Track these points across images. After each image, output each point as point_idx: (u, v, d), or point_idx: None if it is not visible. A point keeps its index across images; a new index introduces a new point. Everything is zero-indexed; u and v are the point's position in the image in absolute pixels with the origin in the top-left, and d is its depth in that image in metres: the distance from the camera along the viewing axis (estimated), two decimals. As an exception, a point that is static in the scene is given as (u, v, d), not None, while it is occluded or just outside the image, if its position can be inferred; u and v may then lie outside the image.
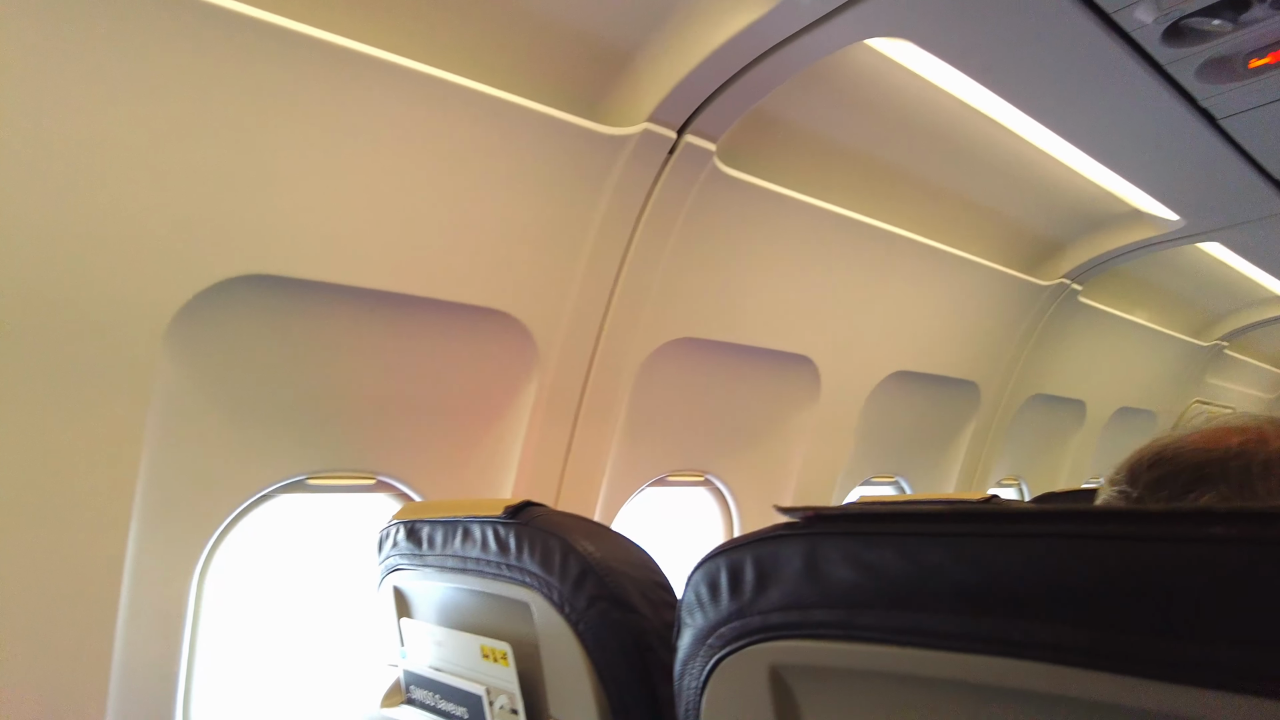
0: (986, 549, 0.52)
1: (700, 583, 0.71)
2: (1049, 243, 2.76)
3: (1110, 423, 3.98)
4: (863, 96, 1.83)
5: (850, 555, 0.59)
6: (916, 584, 0.55)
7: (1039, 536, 0.50)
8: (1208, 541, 0.43)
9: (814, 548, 0.62)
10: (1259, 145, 2.00)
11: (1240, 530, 0.43)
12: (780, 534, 0.65)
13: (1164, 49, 1.54)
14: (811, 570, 0.62)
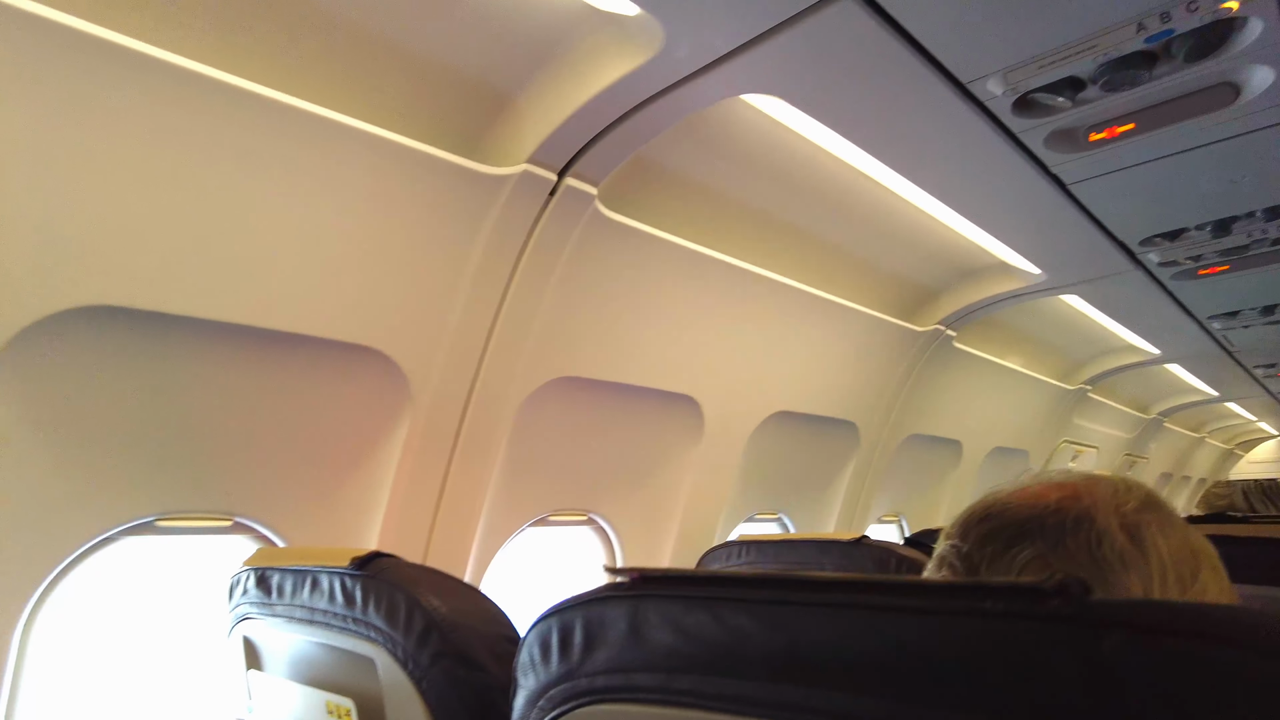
0: (791, 617, 0.53)
1: (534, 643, 0.70)
2: (924, 291, 2.89)
3: (986, 461, 4.18)
4: (744, 148, 1.88)
5: (670, 619, 0.59)
6: (728, 650, 0.56)
7: (838, 606, 0.51)
8: (982, 615, 0.45)
9: (637, 610, 0.62)
10: (1104, 210, 2.16)
11: (1009, 605, 0.45)
12: (608, 595, 0.64)
13: (1015, 119, 1.64)
14: (635, 633, 0.61)
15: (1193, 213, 2.22)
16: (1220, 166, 1.91)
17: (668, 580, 0.62)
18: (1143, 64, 1.46)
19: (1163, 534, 0.78)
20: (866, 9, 1.28)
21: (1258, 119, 1.67)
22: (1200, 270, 2.70)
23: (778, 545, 2.11)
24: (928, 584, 0.49)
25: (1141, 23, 1.33)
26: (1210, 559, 0.80)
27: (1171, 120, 1.67)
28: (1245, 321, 3.45)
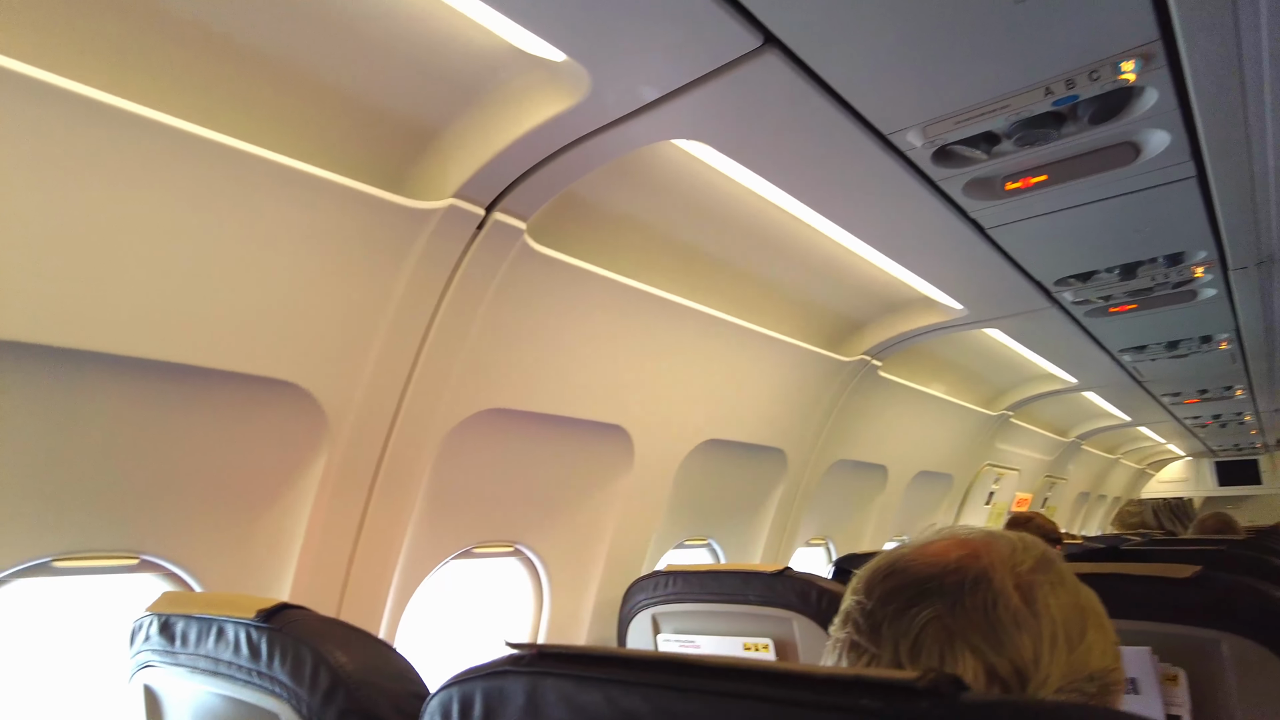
0: (680, 702, 0.54)
1: (435, 712, 0.69)
2: (851, 323, 2.97)
3: (911, 485, 4.29)
4: (674, 186, 1.90)
5: (565, 697, 0.60)
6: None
7: (726, 695, 0.52)
8: (859, 714, 0.46)
9: (535, 687, 0.62)
10: (1020, 252, 2.25)
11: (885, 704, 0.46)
12: (507, 670, 0.65)
13: (935, 168, 1.70)
14: (532, 710, 0.62)
15: (1102, 257, 2.33)
16: (1125, 216, 2.01)
17: (565, 658, 0.62)
18: (1052, 123, 1.53)
19: (1054, 594, 0.81)
20: (789, 63, 1.31)
21: (1156, 176, 1.77)
22: (1111, 308, 2.83)
23: (703, 576, 2.13)
24: (814, 675, 0.50)
25: (1049, 87, 1.40)
26: (1096, 616, 0.83)
27: (1080, 174, 1.75)
28: (1152, 355, 3.62)
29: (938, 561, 0.82)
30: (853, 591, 0.87)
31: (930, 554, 0.84)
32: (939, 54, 1.31)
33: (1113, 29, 1.25)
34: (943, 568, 0.81)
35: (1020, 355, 3.78)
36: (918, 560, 0.84)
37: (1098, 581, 1.51)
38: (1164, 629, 1.43)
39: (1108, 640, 0.83)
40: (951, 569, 0.81)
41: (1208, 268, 2.40)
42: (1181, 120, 1.55)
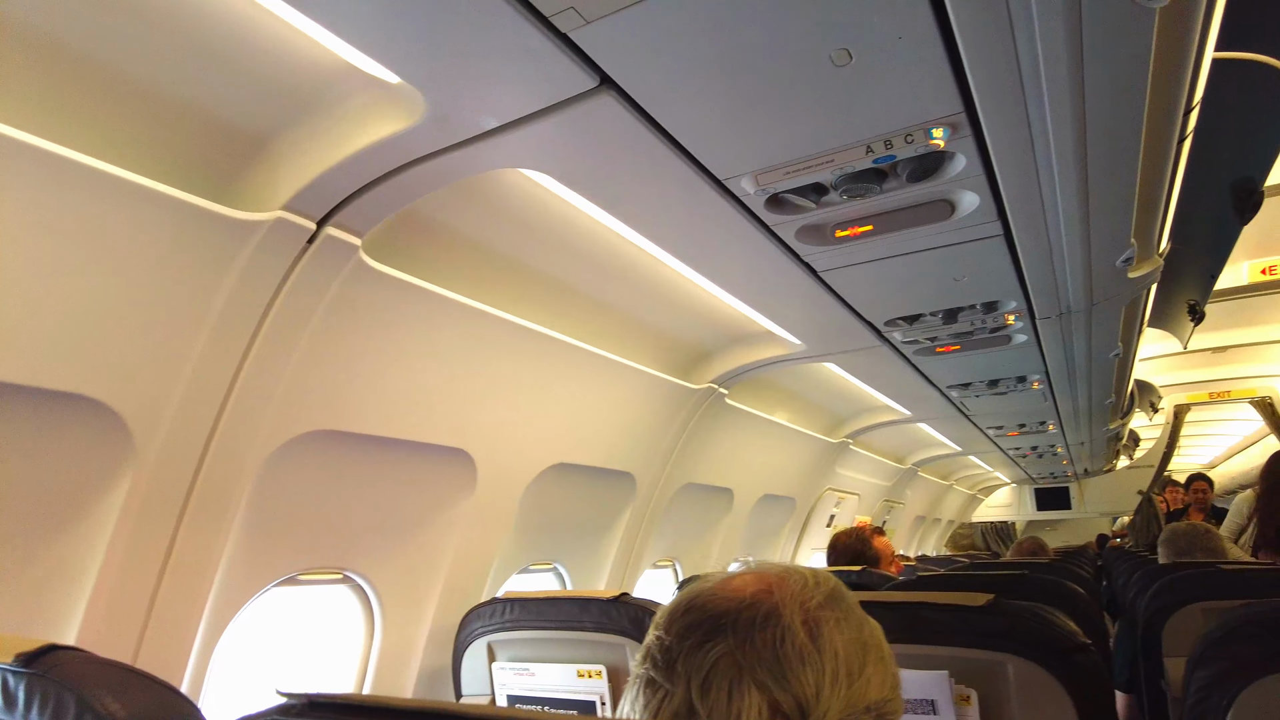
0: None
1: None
2: (699, 352, 3.05)
3: (756, 508, 4.43)
4: (524, 212, 1.90)
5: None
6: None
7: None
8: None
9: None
10: (852, 295, 2.38)
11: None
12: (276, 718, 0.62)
13: (769, 214, 1.78)
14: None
15: (926, 302, 2.50)
16: (945, 266, 2.17)
17: (333, 708, 0.61)
18: (874, 179, 1.63)
19: (839, 630, 0.85)
20: (627, 105, 1.34)
21: (969, 232, 1.92)
22: (937, 349, 3.04)
23: (540, 603, 2.12)
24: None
25: (869, 146, 1.49)
26: (877, 650, 0.88)
27: (902, 226, 1.87)
28: (976, 392, 3.92)
29: (735, 597, 0.85)
30: (654, 627, 0.88)
31: (730, 589, 0.87)
32: (769, 109, 1.37)
33: (924, 99, 1.36)
34: (739, 603, 0.84)
35: (859, 387, 4.00)
36: (717, 596, 0.86)
37: (904, 610, 1.62)
38: (960, 653, 1.54)
39: (886, 672, 0.88)
40: (747, 604, 0.83)
41: (1018, 316, 2.62)
42: (988, 185, 1.69)
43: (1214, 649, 1.29)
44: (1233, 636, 1.28)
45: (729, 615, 0.83)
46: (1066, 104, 1.36)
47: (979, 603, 1.54)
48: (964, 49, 1.22)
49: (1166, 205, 2.11)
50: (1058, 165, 1.58)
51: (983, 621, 1.52)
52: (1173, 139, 1.73)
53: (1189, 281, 4.44)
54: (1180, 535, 3.50)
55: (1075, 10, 1.13)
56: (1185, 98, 1.59)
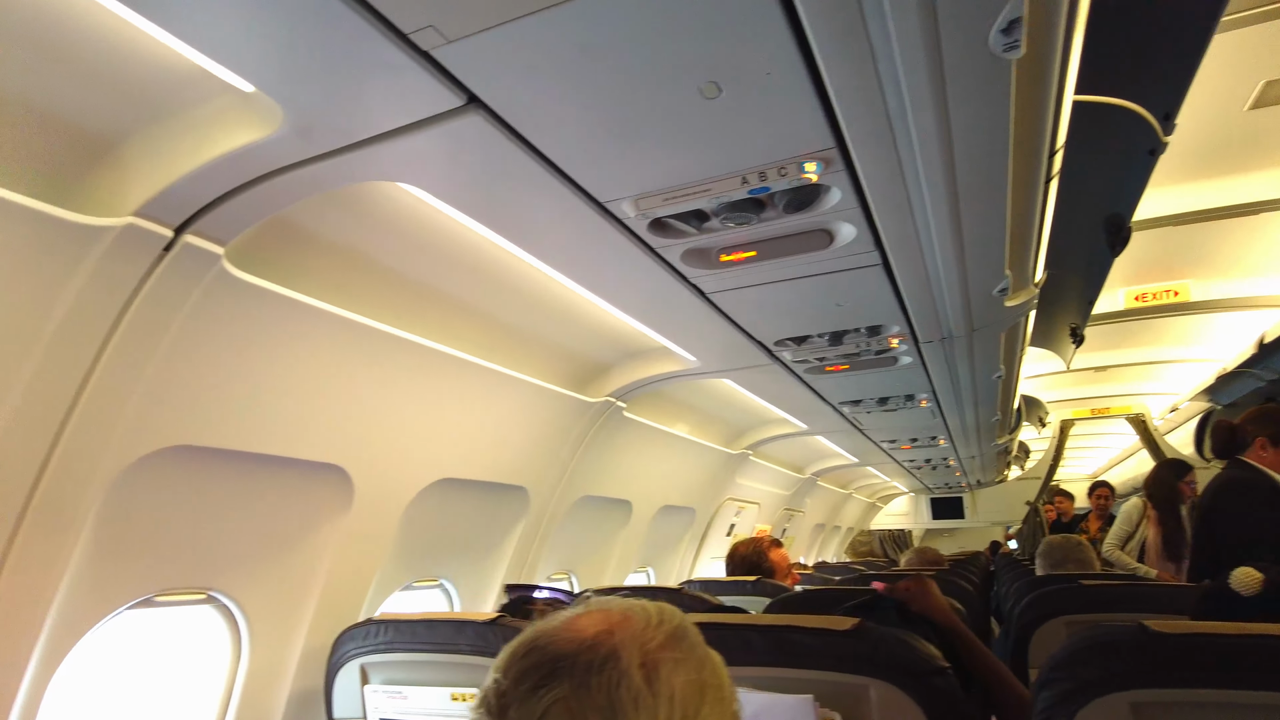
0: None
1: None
2: (596, 366, 3.03)
3: (656, 519, 4.44)
4: (406, 224, 1.84)
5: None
6: None
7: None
8: None
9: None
10: (741, 316, 2.41)
11: None
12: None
13: (653, 237, 1.77)
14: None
15: (813, 324, 2.55)
16: (828, 292, 2.21)
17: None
18: (752, 208, 1.64)
19: (678, 671, 0.84)
20: (497, 125, 1.30)
21: (848, 261, 1.96)
22: (827, 368, 3.11)
23: (415, 625, 2.06)
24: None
25: (745, 177, 1.50)
26: (716, 690, 0.87)
27: (784, 254, 1.90)
28: (868, 408, 4.02)
29: (575, 638, 0.83)
30: (493, 669, 0.85)
31: (572, 630, 0.84)
32: (644, 137, 1.36)
33: (795, 134, 1.37)
34: (579, 644, 0.82)
35: (757, 401, 4.06)
36: (559, 637, 0.84)
37: (774, 633, 1.63)
38: (827, 676, 1.56)
39: (725, 712, 0.87)
40: (587, 646, 0.81)
41: (902, 340, 2.70)
42: (864, 217, 1.72)
43: (1057, 670, 1.34)
44: (1074, 659, 1.33)
45: (568, 658, 0.81)
46: (934, 145, 1.39)
47: (845, 627, 1.57)
48: (832, 89, 1.23)
49: (1038, 240, 2.21)
50: (930, 201, 1.62)
51: (848, 646, 1.55)
52: (1039, 179, 1.80)
53: (1070, 307, 4.68)
54: (1055, 548, 3.68)
55: (936, 58, 1.16)
56: (1049, 141, 1.65)
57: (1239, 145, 3.35)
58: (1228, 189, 3.74)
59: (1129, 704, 1.25)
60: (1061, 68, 1.40)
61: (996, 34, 1.12)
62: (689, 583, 3.65)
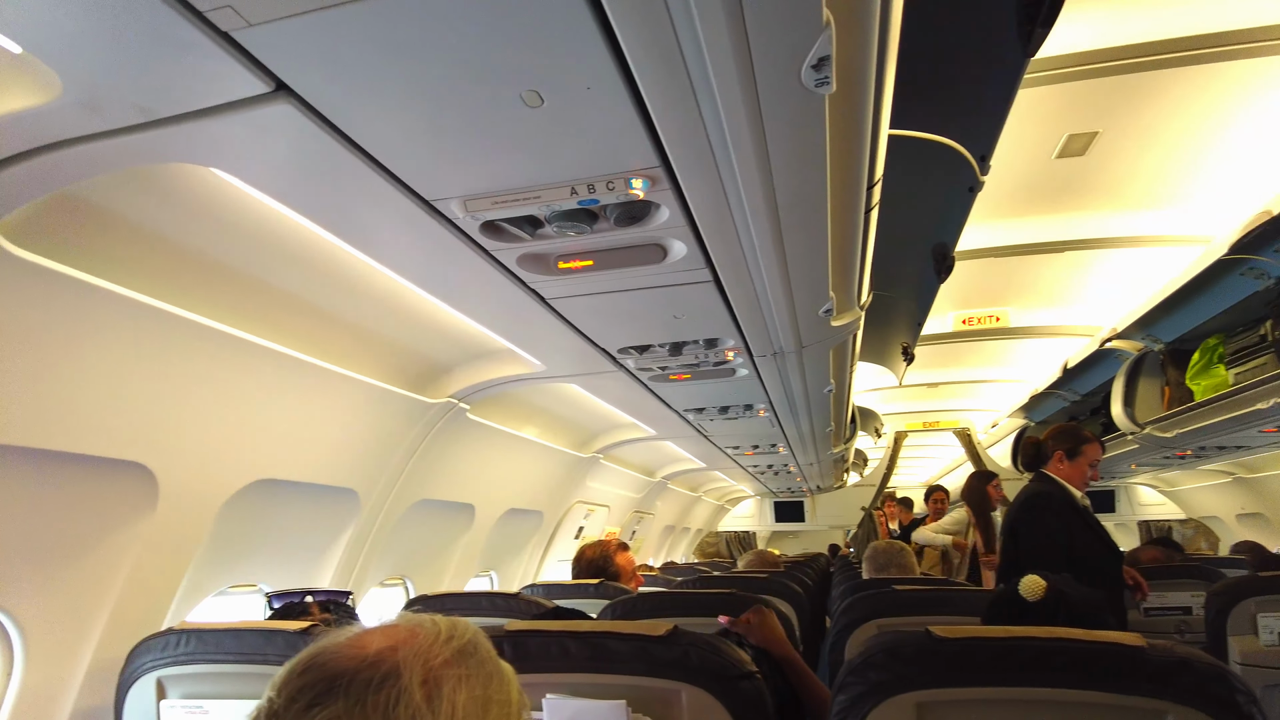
0: None
1: None
2: (437, 366, 2.96)
3: (501, 522, 4.38)
4: (226, 214, 1.73)
5: None
6: None
7: None
8: None
9: None
10: (582, 322, 2.42)
11: None
12: None
13: (487, 239, 1.74)
14: None
15: (653, 334, 2.59)
16: (666, 304, 2.26)
17: None
18: (585, 219, 1.65)
19: (462, 688, 0.82)
20: (311, 115, 1.25)
21: (682, 276, 2.01)
22: (671, 376, 3.17)
23: (220, 634, 1.94)
24: None
25: (574, 188, 1.51)
26: (503, 707, 0.86)
27: (619, 265, 1.92)
28: (710, 416, 4.14)
29: (357, 655, 0.80)
30: (270, 687, 0.81)
31: (355, 646, 0.81)
32: (470, 138, 1.34)
33: (621, 150, 1.39)
34: (360, 661, 0.79)
35: (607, 406, 4.09)
36: (341, 653, 0.81)
37: (590, 640, 1.64)
38: (641, 681, 1.59)
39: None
40: (368, 663, 0.79)
41: (737, 353, 2.80)
42: (694, 236, 1.77)
43: (851, 674, 1.42)
44: (866, 663, 1.40)
45: (346, 675, 0.78)
46: (754, 172, 1.45)
47: (659, 632, 1.60)
48: (653, 110, 1.26)
49: (862, 266, 2.34)
50: (754, 225, 1.68)
51: (660, 650, 1.58)
52: (860, 209, 1.91)
53: (901, 327, 5.00)
54: (880, 553, 3.90)
55: (751, 90, 1.20)
56: (868, 173, 1.76)
57: (1048, 189, 3.67)
58: (1039, 227, 4.10)
59: (915, 704, 1.34)
60: (875, 105, 1.49)
61: (808, 70, 1.17)
62: (531, 587, 3.66)
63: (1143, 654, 1.29)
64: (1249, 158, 3.18)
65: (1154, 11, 2.44)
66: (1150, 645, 1.30)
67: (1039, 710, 1.32)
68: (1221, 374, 4.51)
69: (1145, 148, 3.20)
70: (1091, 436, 3.49)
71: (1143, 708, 1.26)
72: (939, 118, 2.47)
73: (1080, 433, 3.47)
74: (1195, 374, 4.84)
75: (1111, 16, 2.48)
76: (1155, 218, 3.85)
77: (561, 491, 5.09)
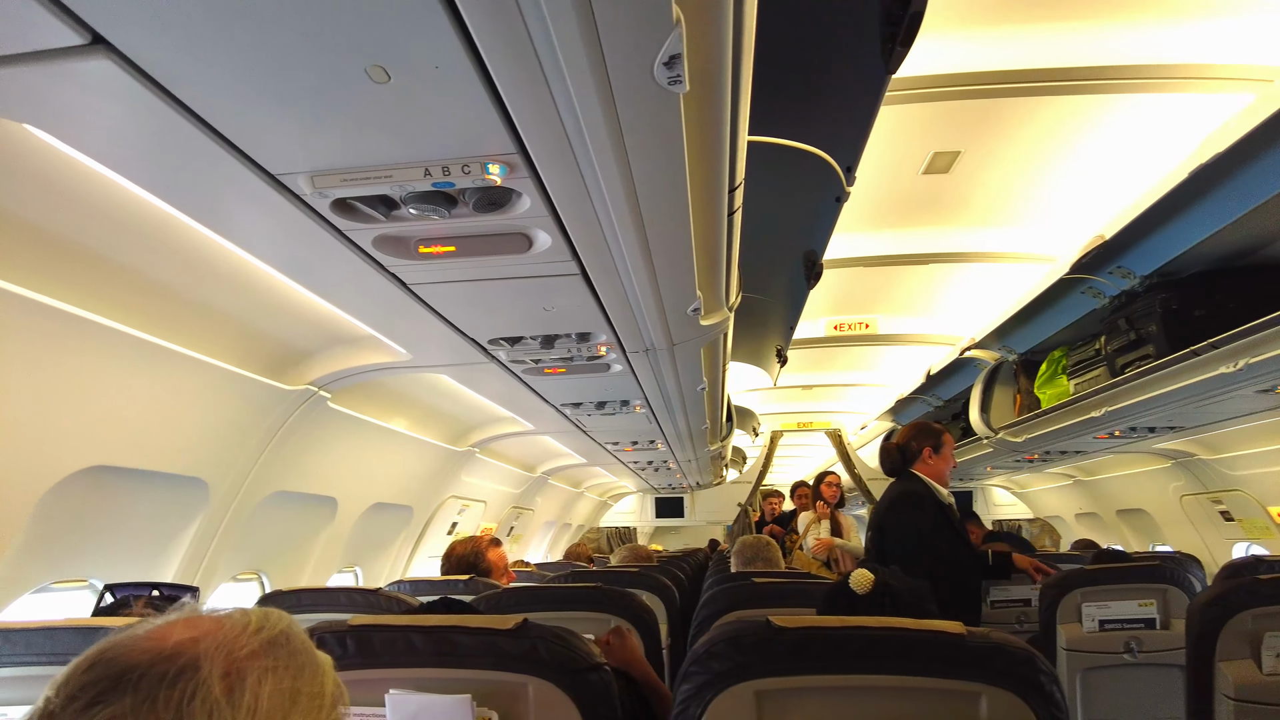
0: None
1: None
2: (294, 352, 2.83)
3: (366, 516, 4.23)
4: (46, 176, 1.59)
5: None
6: None
7: None
8: None
9: None
10: (449, 311, 2.36)
11: None
12: None
13: (339, 218, 1.67)
14: None
15: (524, 326, 2.56)
16: (535, 295, 2.23)
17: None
18: (443, 202, 1.60)
19: (269, 679, 0.78)
20: (135, 74, 1.16)
21: (548, 268, 1.99)
22: (545, 370, 3.14)
23: (29, 634, 1.79)
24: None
25: (428, 169, 1.46)
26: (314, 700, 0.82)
27: (483, 252, 1.88)
28: (587, 411, 4.13)
29: (153, 648, 0.74)
30: (49, 685, 0.74)
31: (152, 639, 0.76)
32: (316, 111, 1.28)
33: (475, 134, 1.36)
34: (155, 655, 0.73)
35: (482, 399, 4.02)
36: (135, 647, 0.75)
37: (436, 634, 1.60)
38: (488, 675, 1.56)
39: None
40: (164, 656, 0.73)
41: (610, 348, 2.80)
42: (558, 227, 1.75)
43: (694, 664, 1.44)
44: (709, 653, 1.43)
45: (137, 669, 0.72)
46: (613, 166, 1.44)
47: (508, 625, 1.58)
48: (506, 96, 1.24)
49: (729, 267, 2.38)
50: (617, 221, 1.69)
51: (509, 644, 1.56)
52: (723, 211, 1.94)
53: (774, 330, 5.15)
54: (747, 546, 4.00)
55: (604, 82, 1.20)
56: (729, 177, 1.79)
57: (915, 204, 3.86)
58: (906, 240, 4.30)
59: (754, 692, 1.37)
60: (734, 108, 1.52)
61: (660, 67, 1.18)
62: (398, 583, 3.57)
63: (962, 641, 1.37)
64: (1086, 184, 3.45)
65: (1010, 42, 2.60)
66: (969, 633, 1.38)
67: (870, 696, 1.37)
68: (1064, 384, 4.86)
69: (1001, 169, 3.41)
70: (943, 428, 3.69)
71: (962, 690, 1.33)
72: (808, 129, 2.55)
73: (934, 426, 3.66)
74: (1042, 384, 5.20)
75: (974, 43, 2.62)
76: (1010, 235, 4.11)
77: (434, 486, 4.97)
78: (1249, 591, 2.51)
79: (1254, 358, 3.12)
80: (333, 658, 1.69)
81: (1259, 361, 3.11)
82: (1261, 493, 5.40)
